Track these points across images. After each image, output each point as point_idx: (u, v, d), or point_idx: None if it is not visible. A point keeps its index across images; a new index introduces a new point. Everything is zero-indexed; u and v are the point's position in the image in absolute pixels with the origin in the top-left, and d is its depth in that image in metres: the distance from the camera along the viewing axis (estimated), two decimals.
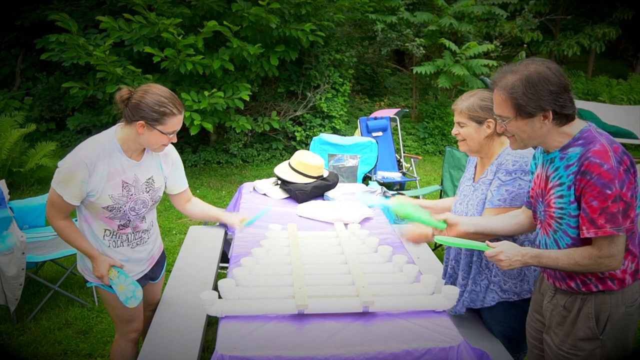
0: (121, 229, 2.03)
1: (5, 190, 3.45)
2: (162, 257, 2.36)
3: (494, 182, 1.98)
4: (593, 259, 1.55)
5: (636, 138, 6.51)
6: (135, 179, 1.99)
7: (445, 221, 1.90)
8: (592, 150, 1.51)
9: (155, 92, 1.88)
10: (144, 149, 2.01)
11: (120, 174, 1.94)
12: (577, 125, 1.59)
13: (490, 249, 1.69)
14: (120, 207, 1.97)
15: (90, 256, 2.02)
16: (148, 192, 2.04)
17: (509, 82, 1.57)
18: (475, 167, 2.17)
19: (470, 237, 1.90)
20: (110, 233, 2.03)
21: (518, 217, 1.88)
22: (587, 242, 1.58)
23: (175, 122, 1.91)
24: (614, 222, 1.49)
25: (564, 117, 1.56)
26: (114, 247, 2.06)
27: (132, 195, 1.99)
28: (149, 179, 2.04)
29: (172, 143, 2.03)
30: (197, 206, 2.33)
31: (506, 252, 1.66)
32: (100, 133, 1.98)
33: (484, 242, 1.76)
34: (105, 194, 1.92)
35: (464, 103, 2.01)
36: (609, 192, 1.47)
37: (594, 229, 1.51)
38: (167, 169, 2.14)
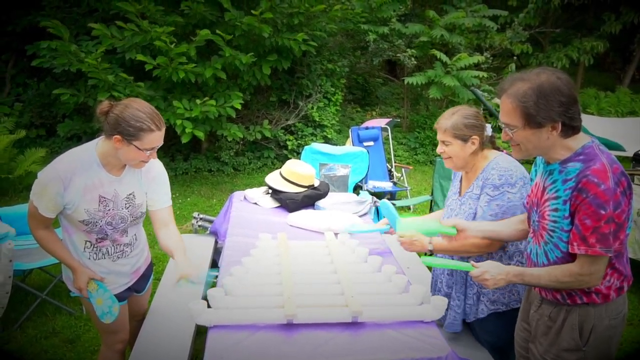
0: (99, 242, 2.00)
1: None
2: (149, 269, 2.31)
3: (482, 197, 1.99)
4: (573, 276, 1.56)
5: (624, 150, 6.60)
6: (115, 194, 1.95)
7: (454, 227, 1.89)
8: (591, 168, 1.49)
9: (135, 107, 1.82)
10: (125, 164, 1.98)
11: (97, 188, 1.90)
12: (580, 140, 1.57)
13: (475, 269, 1.71)
14: (96, 222, 1.93)
15: (71, 267, 1.99)
16: (128, 208, 2.00)
17: (520, 91, 1.52)
18: (461, 181, 2.19)
19: (478, 242, 1.94)
20: (91, 245, 2.00)
21: (524, 223, 1.87)
22: (575, 257, 1.58)
23: (153, 139, 1.84)
24: (605, 242, 1.49)
25: (571, 128, 1.54)
26: (94, 260, 2.02)
27: (109, 210, 1.94)
28: (130, 194, 1.99)
29: (160, 156, 2.00)
30: (170, 239, 2.08)
31: (490, 272, 1.67)
32: (81, 145, 1.95)
33: (468, 261, 1.79)
34: (80, 208, 1.88)
35: (448, 122, 2.01)
36: (603, 212, 1.47)
37: (585, 247, 1.51)
38: (147, 183, 2.06)
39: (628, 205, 1.51)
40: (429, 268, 2.82)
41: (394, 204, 2.28)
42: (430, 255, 2.07)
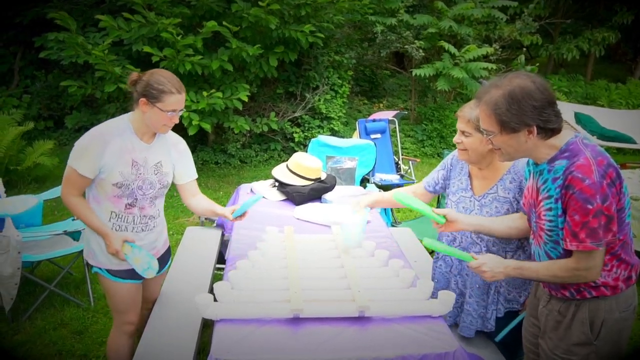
0: (128, 208, 2.11)
1: (2, 189, 3.44)
2: (167, 254, 2.39)
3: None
4: (570, 271, 1.57)
5: (635, 143, 6.50)
6: (145, 160, 2.10)
7: (445, 216, 1.88)
8: (575, 164, 1.51)
9: (159, 73, 2.03)
10: (154, 133, 2.12)
11: (130, 152, 2.06)
12: (564, 137, 1.59)
13: (474, 261, 1.72)
14: (129, 185, 2.05)
15: (102, 233, 2.07)
16: (156, 174, 2.13)
17: (493, 98, 1.57)
18: (469, 176, 2.11)
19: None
20: (116, 215, 2.10)
21: (517, 222, 1.89)
22: (572, 253, 1.59)
23: (174, 101, 2.00)
24: (594, 237, 1.50)
25: (549, 131, 1.57)
26: (118, 230, 2.11)
27: (140, 174, 2.09)
28: (158, 162, 2.14)
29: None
30: (201, 203, 2.35)
31: (488, 264, 1.69)
32: (115, 117, 2.12)
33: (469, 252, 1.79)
34: (115, 170, 2.01)
35: (473, 112, 1.89)
36: (590, 207, 1.48)
37: (576, 242, 1.53)
38: (176, 155, 2.23)
39: (619, 195, 1.52)
40: (431, 253, 2.82)
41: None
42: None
